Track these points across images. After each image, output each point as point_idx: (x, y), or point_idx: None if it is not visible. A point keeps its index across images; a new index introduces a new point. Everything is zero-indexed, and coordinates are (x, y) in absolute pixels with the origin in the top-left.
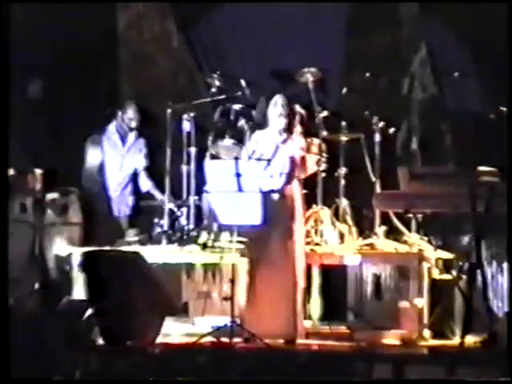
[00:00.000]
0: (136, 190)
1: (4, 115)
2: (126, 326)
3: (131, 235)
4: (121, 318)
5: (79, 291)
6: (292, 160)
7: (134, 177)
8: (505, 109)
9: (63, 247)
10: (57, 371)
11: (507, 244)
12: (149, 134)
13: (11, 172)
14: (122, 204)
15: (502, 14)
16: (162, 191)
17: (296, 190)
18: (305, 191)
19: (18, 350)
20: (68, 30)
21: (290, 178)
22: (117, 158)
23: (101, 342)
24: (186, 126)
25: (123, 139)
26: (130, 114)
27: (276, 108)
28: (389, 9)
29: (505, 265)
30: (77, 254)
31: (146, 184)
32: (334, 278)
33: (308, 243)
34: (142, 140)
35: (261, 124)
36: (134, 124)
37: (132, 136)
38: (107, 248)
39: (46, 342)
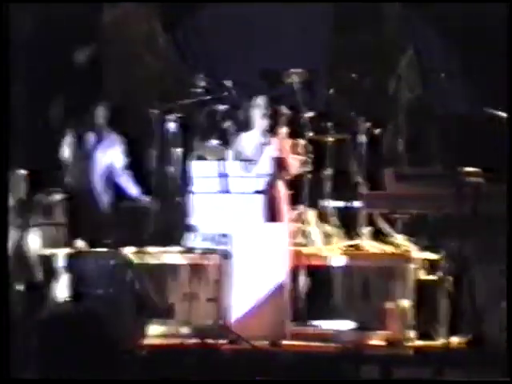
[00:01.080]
0: (116, 189)
1: (4, 115)
2: (111, 328)
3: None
4: (105, 319)
5: (63, 292)
6: (277, 161)
7: (112, 175)
8: (490, 110)
9: (48, 248)
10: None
11: (507, 244)
12: (135, 134)
13: None
14: (101, 203)
15: (491, 15)
16: (148, 192)
17: (281, 191)
18: (290, 192)
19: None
20: (53, 28)
21: (275, 178)
22: (91, 155)
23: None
24: (172, 126)
25: (96, 137)
26: (100, 112)
27: (259, 109)
28: (375, 9)
29: (490, 266)
30: (61, 254)
31: (127, 185)
32: (320, 279)
33: (294, 244)
34: (115, 137)
35: (246, 125)
36: (102, 121)
37: (106, 134)
38: (92, 249)
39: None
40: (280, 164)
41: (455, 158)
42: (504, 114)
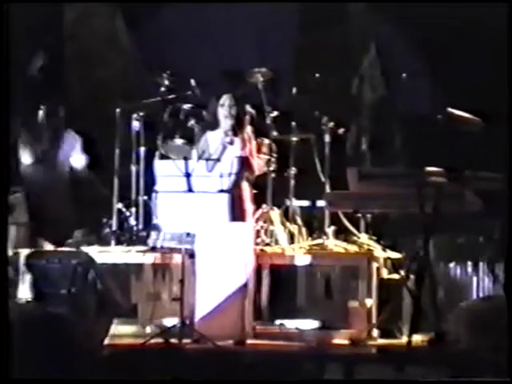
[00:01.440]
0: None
1: (4, 114)
2: (73, 328)
3: (78, 235)
4: (68, 319)
5: (25, 292)
6: (241, 160)
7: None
8: (452, 110)
9: (10, 247)
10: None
11: (507, 245)
12: (97, 134)
13: None
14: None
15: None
16: (111, 191)
17: (245, 190)
18: (255, 191)
19: None
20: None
21: (238, 178)
22: (51, 155)
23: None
24: (136, 125)
25: (56, 136)
26: (60, 111)
27: (223, 108)
28: (339, 9)
29: (452, 264)
30: (23, 254)
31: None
32: (283, 278)
33: (258, 243)
34: (76, 137)
35: (212, 124)
36: (61, 121)
37: (66, 133)
38: (54, 248)
39: None
40: (244, 163)
41: (418, 157)
42: (466, 114)
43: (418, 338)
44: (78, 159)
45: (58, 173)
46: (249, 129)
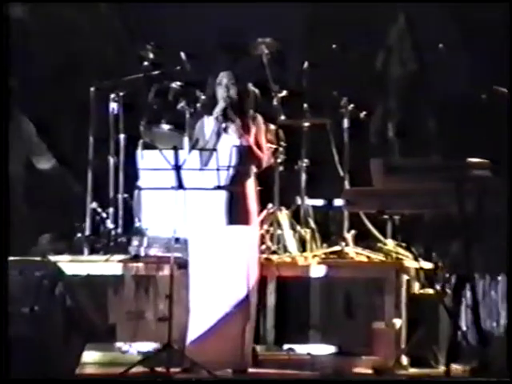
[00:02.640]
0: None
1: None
2: (37, 355)
3: (45, 241)
4: (32, 344)
5: None
6: (242, 150)
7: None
8: (500, 88)
9: None
10: None
11: (507, 245)
12: (67, 118)
13: None
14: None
15: None
16: (84, 188)
17: (250, 187)
18: (259, 188)
19: None
20: None
21: (241, 171)
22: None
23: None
24: (114, 107)
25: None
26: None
27: (221, 88)
28: None
29: (500, 277)
30: None
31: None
32: (293, 292)
33: (262, 251)
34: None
35: (210, 107)
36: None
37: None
38: (14, 257)
39: None
40: (246, 154)
41: (457, 146)
42: None
43: (457, 368)
44: (41, 160)
45: (15, 167)
46: (251, 112)
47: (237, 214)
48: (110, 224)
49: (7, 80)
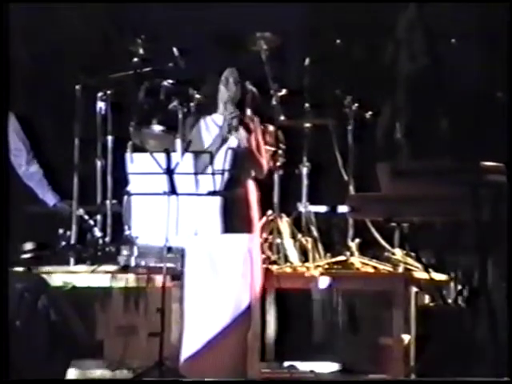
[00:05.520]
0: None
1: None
2: (18, 373)
3: (26, 251)
4: (10, 361)
5: None
6: (240, 152)
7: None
8: None
9: None
10: None
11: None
12: (50, 117)
13: None
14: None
15: None
16: (69, 193)
17: (250, 192)
18: (257, 193)
19: None
20: None
21: (241, 176)
22: None
23: None
24: (101, 106)
25: None
26: None
27: (227, 87)
28: None
29: None
30: None
31: (39, 187)
32: (294, 306)
33: (262, 261)
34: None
35: (207, 107)
36: None
37: None
38: None
39: None
40: (244, 157)
41: (470, 148)
42: None
43: None
44: (20, 152)
45: None
46: (249, 112)
47: (237, 221)
48: (97, 232)
49: (7, 80)
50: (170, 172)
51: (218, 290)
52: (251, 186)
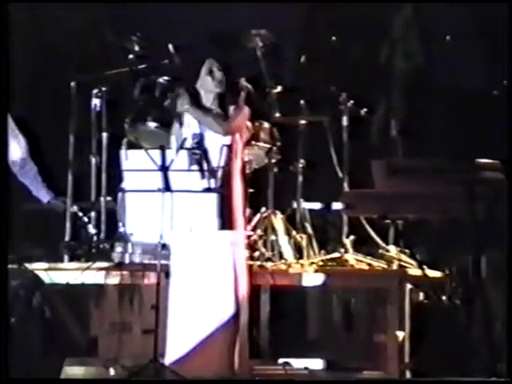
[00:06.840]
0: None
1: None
2: (13, 370)
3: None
4: (5, 358)
5: None
6: (233, 149)
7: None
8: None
9: None
10: None
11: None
12: (45, 115)
13: None
14: None
15: None
16: (63, 190)
17: (239, 189)
18: (251, 190)
19: None
20: None
21: (230, 172)
22: None
23: None
24: (96, 103)
25: None
26: None
27: (211, 77)
28: None
29: None
30: None
31: (34, 184)
32: (289, 303)
33: (255, 258)
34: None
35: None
36: None
37: None
38: None
39: None
40: (237, 154)
41: (465, 146)
42: None
43: None
44: (16, 150)
45: None
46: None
47: (226, 218)
48: (91, 229)
49: (7, 80)
50: (164, 169)
51: (204, 288)
52: (236, 182)
